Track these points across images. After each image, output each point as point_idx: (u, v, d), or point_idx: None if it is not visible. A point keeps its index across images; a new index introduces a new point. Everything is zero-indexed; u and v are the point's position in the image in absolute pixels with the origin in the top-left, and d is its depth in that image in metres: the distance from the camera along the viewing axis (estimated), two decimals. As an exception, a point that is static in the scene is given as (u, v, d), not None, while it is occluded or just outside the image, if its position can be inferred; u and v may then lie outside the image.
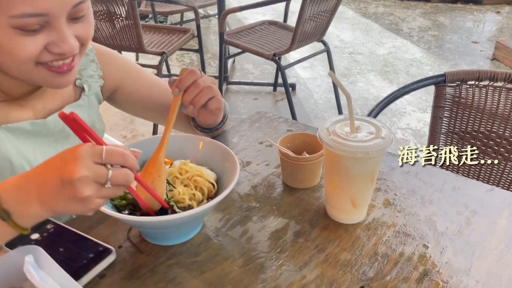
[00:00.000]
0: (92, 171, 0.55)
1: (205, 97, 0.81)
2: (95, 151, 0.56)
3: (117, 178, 0.57)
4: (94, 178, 0.55)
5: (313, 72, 3.65)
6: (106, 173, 0.56)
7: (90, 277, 0.68)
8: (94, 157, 0.56)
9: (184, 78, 0.79)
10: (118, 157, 0.57)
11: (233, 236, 0.76)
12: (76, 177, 0.54)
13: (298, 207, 0.83)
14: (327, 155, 0.74)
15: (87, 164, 0.55)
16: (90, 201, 0.56)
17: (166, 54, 2.48)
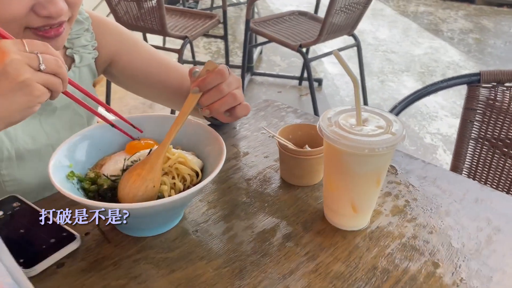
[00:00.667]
0: (21, 55, 0.54)
1: (226, 106, 0.70)
2: (16, 41, 0.55)
3: (48, 60, 0.56)
4: (26, 61, 0.54)
5: (342, 68, 3.50)
6: (35, 56, 0.55)
7: (47, 265, 0.60)
8: (17, 45, 0.55)
9: (208, 79, 0.68)
10: (39, 45, 0.56)
11: (214, 233, 0.67)
12: (7, 61, 0.53)
13: (293, 206, 0.73)
14: (327, 149, 0.64)
15: (14, 50, 0.54)
16: (31, 86, 0.54)
17: (189, 38, 2.41)
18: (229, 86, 0.70)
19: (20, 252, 0.61)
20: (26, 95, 0.54)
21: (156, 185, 0.64)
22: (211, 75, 0.68)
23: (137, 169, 0.64)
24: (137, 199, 0.63)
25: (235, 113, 0.73)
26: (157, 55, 0.94)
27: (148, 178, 0.63)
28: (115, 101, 2.77)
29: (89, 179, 0.66)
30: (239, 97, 0.71)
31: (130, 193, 0.63)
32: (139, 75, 0.92)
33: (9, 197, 0.71)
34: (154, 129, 0.75)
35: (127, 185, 0.63)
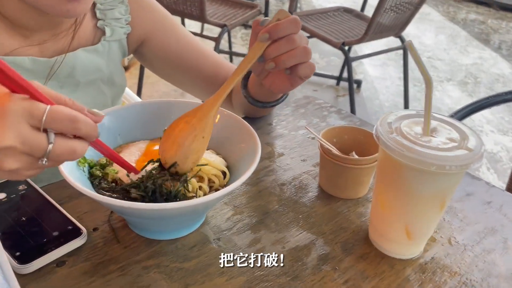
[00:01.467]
0: (24, 140, 0.39)
1: (296, 59, 0.61)
2: (34, 110, 0.39)
3: (59, 154, 0.42)
4: (26, 151, 0.40)
5: (384, 71, 3.34)
6: (44, 146, 0.40)
7: (45, 262, 0.53)
8: (31, 118, 0.39)
9: (281, 25, 0.58)
10: (66, 123, 0.41)
11: (239, 243, 0.58)
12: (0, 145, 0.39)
13: (332, 222, 0.63)
14: (383, 160, 0.53)
15: (18, 129, 0.39)
16: (17, 173, 0.42)
17: (227, 26, 2.33)
18: (301, 39, 0.60)
19: (17, 243, 0.54)
20: (7, 176, 0.42)
21: (206, 137, 0.56)
22: (285, 22, 0.58)
23: (186, 117, 0.56)
24: (183, 150, 0.55)
25: (297, 71, 0.62)
26: (193, 40, 0.85)
27: (198, 127, 0.55)
28: (147, 85, 2.72)
29: (100, 165, 0.58)
30: (310, 52, 0.61)
31: (175, 143, 0.55)
32: (172, 59, 0.84)
33: (15, 179, 0.64)
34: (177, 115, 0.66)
35: (172, 134, 0.55)
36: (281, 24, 0.58)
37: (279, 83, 0.66)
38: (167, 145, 0.55)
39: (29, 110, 0.39)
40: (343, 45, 2.25)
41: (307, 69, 0.62)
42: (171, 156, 0.55)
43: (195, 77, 0.85)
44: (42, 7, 0.61)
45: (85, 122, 0.42)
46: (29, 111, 0.39)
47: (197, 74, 0.85)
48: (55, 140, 0.41)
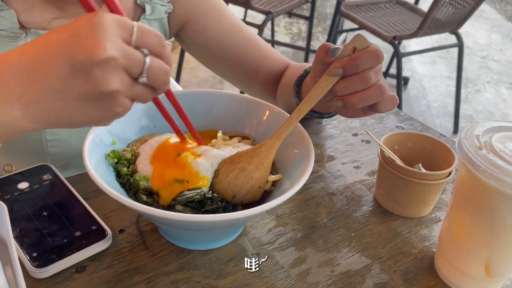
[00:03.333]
0: (123, 52, 0.35)
1: (368, 102, 0.50)
2: (124, 22, 0.36)
3: (156, 71, 0.37)
4: (126, 64, 0.35)
5: (433, 70, 3.16)
6: (141, 59, 0.36)
7: (65, 266, 0.47)
8: (123, 30, 0.35)
9: (359, 60, 0.48)
10: (154, 38, 0.37)
11: (281, 261, 0.50)
12: (101, 58, 0.34)
13: (390, 244, 0.54)
14: (467, 180, 0.44)
15: (116, 40, 0.35)
16: (115, 101, 0.36)
17: (272, 14, 2.23)
18: (376, 74, 0.49)
19: (36, 242, 0.48)
20: (103, 109, 0.37)
21: (263, 186, 0.50)
22: (363, 55, 0.48)
23: (241, 161, 0.49)
24: (237, 197, 0.50)
25: (377, 108, 0.52)
26: (239, 27, 0.77)
27: (255, 177, 0.50)
28: (186, 71, 2.67)
29: (126, 161, 0.51)
30: (386, 90, 0.50)
31: (229, 190, 0.50)
32: (214, 45, 0.76)
33: (40, 166, 0.58)
34: (224, 108, 0.59)
35: (226, 178, 0.49)
36: (359, 59, 0.48)
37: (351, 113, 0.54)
38: (222, 187, 0.50)
39: (121, 23, 0.35)
40: (393, 39, 2.11)
41: (387, 105, 0.52)
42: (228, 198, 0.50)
43: (237, 67, 0.78)
44: None
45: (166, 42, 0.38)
46: (122, 24, 0.35)
47: (239, 64, 0.77)
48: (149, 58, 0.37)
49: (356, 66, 0.48)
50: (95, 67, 0.34)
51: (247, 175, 0.49)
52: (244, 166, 0.49)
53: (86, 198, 0.55)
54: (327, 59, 0.50)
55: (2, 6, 0.58)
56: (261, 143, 0.51)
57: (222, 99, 0.59)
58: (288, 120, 0.50)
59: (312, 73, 0.55)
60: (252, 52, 0.77)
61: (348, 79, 0.49)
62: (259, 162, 0.49)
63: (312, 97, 0.50)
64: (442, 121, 2.57)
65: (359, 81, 0.49)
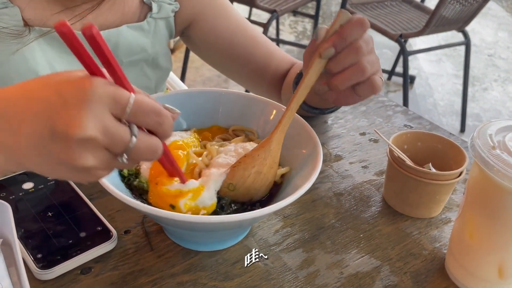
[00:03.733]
0: (106, 131, 0.33)
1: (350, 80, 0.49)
2: (119, 98, 0.33)
3: (141, 151, 0.35)
4: (107, 144, 0.33)
5: (440, 68, 3.13)
6: (126, 140, 0.34)
7: (70, 268, 0.46)
8: (114, 105, 0.33)
9: (346, 31, 0.47)
10: (151, 116, 0.35)
11: (289, 263, 0.50)
12: (79, 136, 0.32)
13: (400, 245, 0.53)
14: (480, 181, 0.43)
15: (102, 118, 0.32)
16: (89, 173, 0.35)
17: (277, 12, 2.22)
18: (367, 44, 0.49)
19: (41, 243, 0.48)
20: (76, 176, 0.35)
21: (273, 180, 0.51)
22: (348, 26, 0.47)
23: (255, 165, 0.49)
24: (255, 198, 0.50)
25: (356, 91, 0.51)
26: (246, 25, 0.76)
27: (270, 175, 0.50)
28: (191, 70, 2.66)
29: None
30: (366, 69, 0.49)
31: (248, 195, 0.50)
32: (221, 44, 0.75)
33: (45, 167, 0.58)
34: (230, 107, 0.58)
35: (243, 185, 0.49)
36: (345, 31, 0.47)
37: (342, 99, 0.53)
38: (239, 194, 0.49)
39: (114, 97, 0.33)
40: (400, 38, 2.09)
41: (366, 89, 0.50)
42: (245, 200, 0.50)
43: (244, 65, 0.77)
44: None
45: (167, 116, 0.36)
46: (114, 98, 0.33)
47: (246, 63, 0.76)
48: (138, 135, 0.34)
49: (344, 39, 0.47)
50: (73, 143, 0.32)
51: (264, 177, 0.49)
52: (259, 170, 0.49)
53: (91, 198, 0.54)
54: (314, 44, 0.49)
55: (6, 3, 0.57)
56: (267, 139, 0.49)
57: (228, 98, 0.58)
58: (287, 110, 0.49)
59: (304, 64, 0.54)
60: (260, 51, 0.76)
61: (339, 54, 0.48)
62: (272, 161, 0.49)
63: (306, 82, 0.49)
64: (449, 120, 2.55)
65: (350, 53, 0.48)
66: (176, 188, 0.45)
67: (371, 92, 0.51)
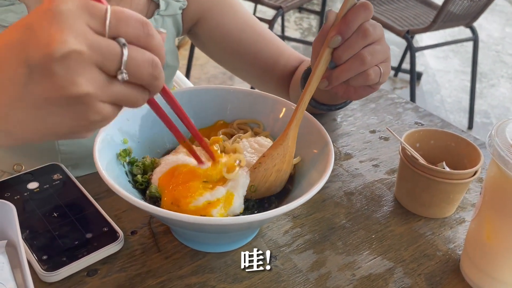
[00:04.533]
0: (91, 43, 0.28)
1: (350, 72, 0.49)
2: (92, 9, 0.29)
3: (138, 63, 0.30)
4: (96, 59, 0.29)
5: (447, 64, 3.10)
6: (118, 51, 0.29)
7: (75, 270, 0.45)
8: (90, 18, 0.29)
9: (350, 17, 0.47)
10: (136, 26, 0.30)
11: (299, 264, 0.48)
12: (60, 52, 0.27)
13: (413, 246, 0.52)
14: (499, 180, 0.41)
15: (80, 30, 0.28)
16: (88, 106, 0.29)
17: (282, 9, 2.20)
18: (374, 28, 0.48)
19: (46, 245, 0.47)
20: (74, 118, 0.30)
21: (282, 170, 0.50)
22: (352, 12, 0.47)
23: (275, 163, 0.48)
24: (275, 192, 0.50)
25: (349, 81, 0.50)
26: (254, 22, 0.75)
27: (288, 170, 0.50)
28: (195, 67, 2.65)
29: (142, 165, 0.49)
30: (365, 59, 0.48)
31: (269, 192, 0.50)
32: (229, 41, 0.74)
33: (50, 165, 0.57)
34: (238, 104, 0.57)
35: (265, 185, 0.48)
36: (350, 17, 0.46)
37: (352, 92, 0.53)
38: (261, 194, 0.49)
39: (88, 8, 0.29)
40: (407, 34, 2.07)
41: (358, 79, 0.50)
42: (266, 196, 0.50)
43: (252, 63, 0.75)
44: None
45: (153, 27, 0.31)
46: (88, 10, 0.29)
47: (255, 60, 0.75)
48: (129, 49, 0.29)
49: (349, 25, 0.47)
50: (55, 65, 0.27)
51: (283, 173, 0.49)
52: (279, 168, 0.48)
53: (97, 198, 0.53)
54: (324, 31, 0.49)
55: (12, 0, 0.56)
56: (283, 135, 0.49)
57: (236, 95, 0.57)
58: (301, 103, 0.49)
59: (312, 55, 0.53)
60: (268, 48, 0.74)
61: (345, 42, 0.47)
62: (290, 156, 0.49)
63: (317, 73, 0.49)
64: (456, 116, 2.52)
65: (358, 38, 0.47)
66: (202, 202, 0.43)
67: (363, 83, 0.50)
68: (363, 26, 0.47)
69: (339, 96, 0.55)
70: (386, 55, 0.51)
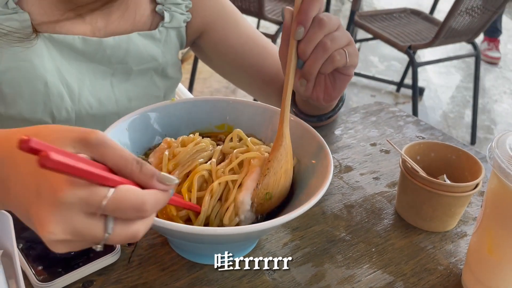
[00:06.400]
0: (76, 233, 0.32)
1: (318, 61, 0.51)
2: (92, 198, 0.31)
3: (117, 241, 0.34)
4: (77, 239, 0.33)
5: (449, 79, 3.11)
6: (99, 236, 0.33)
7: (71, 281, 0.45)
8: (87, 207, 0.32)
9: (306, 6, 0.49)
10: (130, 213, 0.33)
11: (298, 278, 0.48)
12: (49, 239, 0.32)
13: (414, 260, 0.51)
14: (500, 192, 0.41)
15: (71, 222, 0.31)
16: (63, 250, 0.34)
17: (285, 24, 2.22)
18: (329, 19, 0.50)
19: (41, 255, 0.46)
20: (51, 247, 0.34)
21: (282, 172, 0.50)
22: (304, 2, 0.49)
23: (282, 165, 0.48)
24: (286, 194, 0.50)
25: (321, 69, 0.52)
26: (256, 36, 0.76)
27: (291, 168, 0.50)
28: (198, 81, 2.67)
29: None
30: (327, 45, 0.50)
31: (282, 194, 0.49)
32: (232, 54, 0.75)
33: (49, 176, 0.57)
34: (237, 115, 0.57)
35: (278, 187, 0.48)
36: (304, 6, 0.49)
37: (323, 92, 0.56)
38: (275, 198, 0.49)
39: (87, 200, 0.31)
40: (409, 49, 2.08)
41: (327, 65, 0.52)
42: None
43: (255, 75, 0.76)
44: None
45: (153, 204, 0.33)
46: (87, 201, 0.31)
47: (257, 72, 0.75)
48: (114, 229, 0.33)
49: (307, 14, 0.49)
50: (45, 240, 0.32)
51: (289, 172, 0.49)
52: (286, 167, 0.48)
53: (95, 209, 0.53)
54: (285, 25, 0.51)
55: (16, 9, 0.57)
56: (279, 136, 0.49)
57: (235, 106, 0.57)
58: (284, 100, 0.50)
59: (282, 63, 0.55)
60: (271, 61, 0.75)
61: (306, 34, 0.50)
62: (290, 155, 0.49)
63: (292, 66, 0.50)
64: (459, 132, 2.51)
65: (315, 29, 0.49)
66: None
67: (332, 67, 0.52)
68: (318, 17, 0.50)
69: (321, 100, 0.57)
70: (348, 39, 0.53)
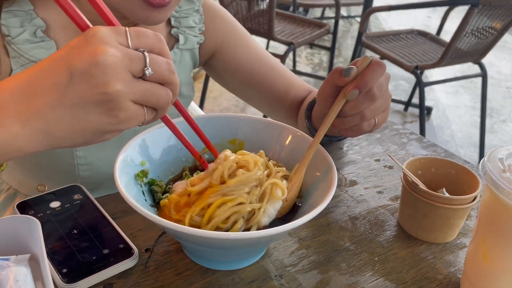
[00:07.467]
0: (122, 51, 0.37)
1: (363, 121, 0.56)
2: (118, 30, 0.38)
3: (158, 61, 0.39)
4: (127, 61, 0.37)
5: (457, 99, 3.14)
6: (141, 55, 0.38)
7: (93, 283, 0.48)
8: (118, 36, 0.38)
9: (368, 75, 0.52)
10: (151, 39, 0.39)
11: (304, 284, 0.50)
12: (100, 58, 0.36)
13: (414, 269, 0.53)
14: (491, 203, 0.44)
15: (112, 44, 0.37)
16: (117, 103, 0.37)
17: (294, 45, 2.28)
18: (381, 87, 0.54)
19: (66, 259, 0.50)
20: (105, 114, 0.38)
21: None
22: (368, 70, 0.53)
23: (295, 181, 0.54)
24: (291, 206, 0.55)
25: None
26: (265, 55, 0.81)
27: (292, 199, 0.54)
28: (209, 100, 2.73)
29: (159, 188, 0.53)
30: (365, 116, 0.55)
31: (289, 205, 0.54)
32: (242, 73, 0.79)
33: (72, 186, 0.61)
34: (248, 131, 0.61)
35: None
36: (367, 75, 0.52)
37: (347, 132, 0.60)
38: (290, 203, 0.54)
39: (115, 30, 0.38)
40: (416, 69, 2.12)
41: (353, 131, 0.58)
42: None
43: (265, 93, 0.80)
44: (123, 10, 0.58)
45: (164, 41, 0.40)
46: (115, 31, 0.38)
47: (267, 90, 0.80)
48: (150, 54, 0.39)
49: (366, 82, 0.52)
50: (95, 69, 0.36)
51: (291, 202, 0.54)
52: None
53: (114, 218, 0.56)
54: (340, 80, 0.54)
55: (43, 37, 0.61)
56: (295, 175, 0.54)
57: (246, 123, 0.61)
58: (311, 148, 0.54)
59: (320, 94, 0.58)
60: (280, 79, 0.79)
61: (355, 100, 0.53)
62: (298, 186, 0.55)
63: (328, 122, 0.55)
64: (467, 151, 2.53)
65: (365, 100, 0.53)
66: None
67: (358, 134, 0.59)
68: (372, 91, 0.53)
69: (336, 132, 0.61)
70: (386, 105, 0.57)
